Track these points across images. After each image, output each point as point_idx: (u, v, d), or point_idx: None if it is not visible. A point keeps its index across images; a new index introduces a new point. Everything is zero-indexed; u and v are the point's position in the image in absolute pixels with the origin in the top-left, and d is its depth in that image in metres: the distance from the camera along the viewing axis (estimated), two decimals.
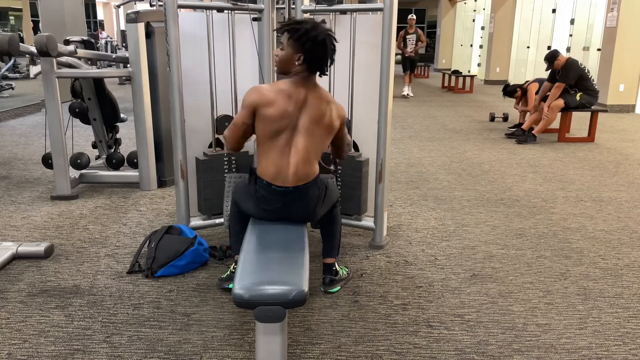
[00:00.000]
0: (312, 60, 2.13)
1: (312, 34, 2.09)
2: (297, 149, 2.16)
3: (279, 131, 2.13)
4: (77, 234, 3.22)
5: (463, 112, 8.61)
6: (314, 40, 2.09)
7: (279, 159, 2.16)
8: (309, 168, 2.21)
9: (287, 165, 2.17)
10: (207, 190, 2.98)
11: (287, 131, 2.14)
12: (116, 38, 18.98)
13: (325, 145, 2.26)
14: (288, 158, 2.17)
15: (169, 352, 2.04)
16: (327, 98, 2.21)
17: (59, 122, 3.78)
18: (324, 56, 2.14)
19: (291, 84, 2.15)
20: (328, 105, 2.19)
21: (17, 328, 2.19)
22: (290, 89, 2.14)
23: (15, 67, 10.78)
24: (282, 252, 1.98)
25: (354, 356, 2.03)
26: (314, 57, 2.12)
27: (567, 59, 6.05)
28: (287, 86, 2.15)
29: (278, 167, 2.16)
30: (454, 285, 2.62)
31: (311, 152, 2.19)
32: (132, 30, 3.80)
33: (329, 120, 2.19)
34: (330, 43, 2.15)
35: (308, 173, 2.21)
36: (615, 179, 4.60)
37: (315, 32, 2.10)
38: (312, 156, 2.21)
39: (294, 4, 2.99)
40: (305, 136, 2.16)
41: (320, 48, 2.11)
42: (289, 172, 2.17)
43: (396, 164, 5.09)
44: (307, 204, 2.25)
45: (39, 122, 7.19)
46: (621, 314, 2.36)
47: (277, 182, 2.19)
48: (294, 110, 2.13)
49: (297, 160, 2.17)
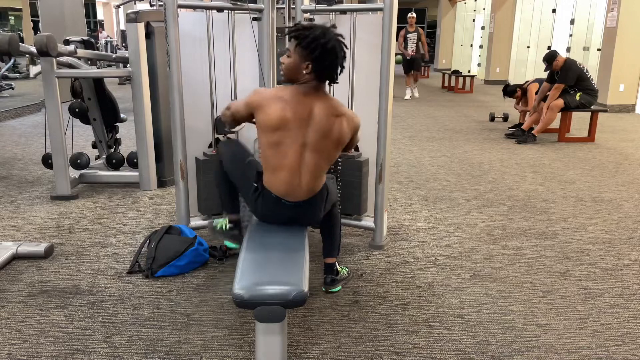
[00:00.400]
0: (321, 69, 2.02)
1: (321, 41, 1.97)
2: (308, 167, 2.12)
3: (280, 142, 2.05)
4: (77, 234, 3.22)
5: (463, 112, 8.61)
6: (324, 47, 1.97)
7: (290, 177, 2.11)
8: (319, 182, 2.20)
9: (299, 184, 2.13)
10: (207, 190, 2.98)
11: (294, 146, 2.06)
12: (116, 38, 18.98)
13: (335, 158, 2.21)
14: (299, 177, 2.12)
15: (169, 352, 2.04)
16: (337, 111, 2.10)
17: (59, 122, 3.78)
18: (334, 64, 2.03)
19: (297, 93, 2.06)
20: (338, 119, 2.09)
21: (17, 328, 2.19)
22: (294, 99, 2.04)
23: (15, 67, 10.78)
24: (282, 252, 1.98)
25: (354, 356, 2.03)
26: (323, 66, 2.02)
27: (566, 60, 6.05)
28: (291, 95, 2.05)
29: (289, 185, 2.13)
30: (454, 285, 2.62)
31: (321, 167, 2.16)
32: (132, 30, 3.80)
33: (338, 135, 2.10)
34: (341, 50, 2.03)
35: (317, 186, 2.20)
36: (615, 179, 4.60)
37: (325, 38, 1.98)
38: (322, 171, 2.18)
39: (294, 4, 2.99)
40: (314, 153, 2.10)
41: (329, 56, 2.00)
42: (301, 190, 2.15)
43: (396, 164, 5.09)
44: (313, 213, 2.26)
45: (39, 122, 7.19)
46: (621, 314, 2.36)
47: (289, 198, 2.17)
48: (297, 122, 2.04)
49: (309, 179, 2.14)
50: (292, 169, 2.09)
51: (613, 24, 8.46)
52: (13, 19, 13.13)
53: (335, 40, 2.01)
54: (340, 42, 2.04)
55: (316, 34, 1.99)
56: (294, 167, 2.09)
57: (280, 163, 2.09)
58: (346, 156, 2.98)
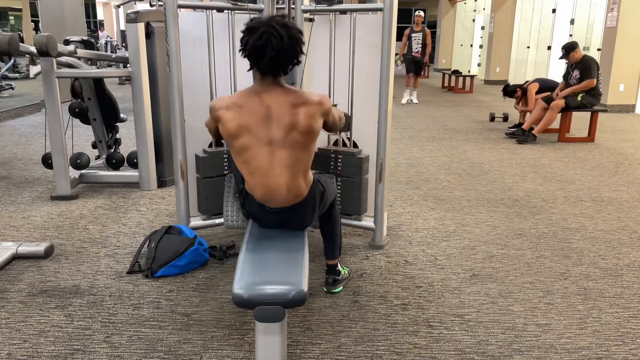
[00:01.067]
0: (257, 63, 1.91)
1: (250, 35, 1.86)
2: (283, 165, 1.98)
3: (246, 147, 1.96)
4: (77, 234, 3.22)
5: (463, 112, 8.61)
6: (254, 42, 1.85)
7: (266, 179, 1.99)
8: (301, 182, 2.05)
9: (277, 186, 2.00)
10: (207, 190, 2.98)
11: (261, 147, 1.95)
12: (116, 38, 18.99)
13: (311, 149, 2.05)
14: (275, 178, 1.99)
15: (169, 352, 2.04)
16: (296, 101, 1.96)
17: (59, 122, 3.78)
18: (263, 53, 1.85)
19: (250, 94, 1.97)
20: (300, 108, 1.95)
21: (17, 328, 2.19)
22: (248, 100, 1.95)
23: (15, 67, 10.79)
24: (282, 252, 1.98)
25: (354, 356, 2.03)
26: (257, 58, 1.89)
27: (584, 55, 6.11)
28: (245, 98, 1.96)
29: (267, 188, 2.01)
30: (454, 285, 2.62)
31: (298, 164, 2.01)
32: (132, 30, 3.80)
33: (305, 124, 1.95)
34: (275, 37, 1.83)
35: (301, 187, 2.05)
36: (615, 179, 4.60)
37: (254, 33, 1.86)
38: (300, 168, 2.03)
39: (294, 4, 2.99)
40: (285, 149, 1.97)
41: (254, 40, 1.85)
42: (281, 193, 2.01)
43: (396, 164, 5.09)
44: (303, 218, 2.15)
45: (39, 122, 7.19)
46: (621, 314, 2.36)
47: (270, 204, 2.06)
48: (257, 123, 1.94)
49: (287, 179, 2.00)
50: (265, 170, 1.98)
51: (613, 24, 8.46)
52: (13, 19, 13.13)
53: (266, 30, 1.84)
54: (275, 28, 1.84)
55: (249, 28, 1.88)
56: (266, 167, 1.98)
57: (253, 167, 1.99)
58: (346, 153, 2.97)
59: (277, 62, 1.89)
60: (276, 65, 1.91)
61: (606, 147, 5.94)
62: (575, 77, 6.13)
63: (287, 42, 1.86)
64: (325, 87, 3.04)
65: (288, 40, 1.87)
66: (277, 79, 1.98)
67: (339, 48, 2.99)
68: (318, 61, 3.06)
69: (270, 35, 1.84)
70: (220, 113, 1.97)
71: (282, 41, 1.85)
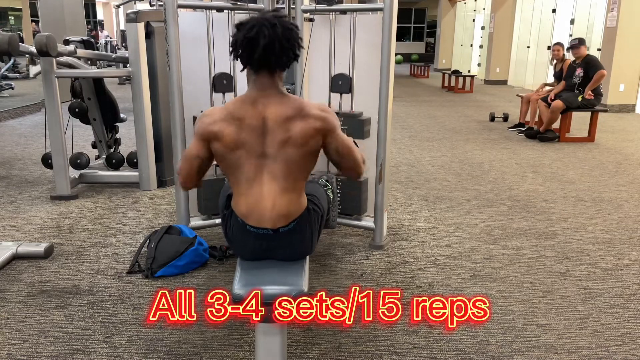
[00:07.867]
0: (246, 53, 1.69)
1: (239, 24, 1.71)
2: (271, 176, 1.73)
3: (238, 161, 1.73)
4: (77, 234, 3.22)
5: (463, 112, 8.61)
6: (240, 28, 1.69)
7: (250, 189, 1.75)
8: (290, 200, 1.76)
9: (261, 197, 1.74)
10: (207, 190, 2.98)
11: (251, 158, 1.73)
12: (116, 38, 18.99)
13: (309, 168, 1.80)
14: (261, 187, 1.74)
15: (169, 352, 2.04)
16: (294, 112, 1.72)
17: (59, 122, 3.78)
18: (256, 40, 1.65)
19: (244, 103, 1.74)
20: (293, 121, 1.71)
21: (17, 328, 2.19)
22: (242, 110, 1.72)
23: (15, 67, 10.78)
24: None
25: (354, 356, 2.03)
26: (244, 48, 1.68)
27: (588, 54, 6.27)
28: (239, 107, 1.73)
29: (250, 199, 1.75)
30: (454, 285, 2.62)
31: (289, 178, 1.74)
32: (132, 30, 3.80)
33: (300, 138, 1.70)
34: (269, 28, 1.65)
35: (289, 207, 1.76)
36: (615, 179, 4.60)
37: (242, 21, 1.71)
38: (291, 185, 1.75)
39: (294, 4, 2.99)
40: (278, 162, 1.73)
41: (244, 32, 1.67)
42: (265, 207, 1.74)
43: (396, 164, 5.09)
44: (295, 250, 1.84)
45: (39, 122, 7.19)
46: (621, 314, 2.35)
47: (251, 220, 1.77)
48: (251, 135, 1.71)
49: (275, 191, 1.74)
50: (251, 179, 1.74)
51: (613, 24, 8.46)
52: (13, 19, 13.13)
53: (257, 22, 1.67)
54: (267, 19, 1.67)
55: (240, 24, 1.71)
56: (252, 176, 1.74)
57: (241, 178, 1.76)
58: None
59: (271, 51, 1.66)
60: (270, 56, 1.67)
61: (606, 147, 5.94)
62: (579, 75, 6.16)
63: (280, 31, 1.66)
64: (325, 87, 3.04)
65: (281, 28, 1.67)
66: (274, 79, 1.74)
67: (339, 48, 2.99)
68: (318, 61, 3.06)
69: (262, 25, 1.66)
70: (216, 128, 1.71)
71: (274, 29, 1.66)
